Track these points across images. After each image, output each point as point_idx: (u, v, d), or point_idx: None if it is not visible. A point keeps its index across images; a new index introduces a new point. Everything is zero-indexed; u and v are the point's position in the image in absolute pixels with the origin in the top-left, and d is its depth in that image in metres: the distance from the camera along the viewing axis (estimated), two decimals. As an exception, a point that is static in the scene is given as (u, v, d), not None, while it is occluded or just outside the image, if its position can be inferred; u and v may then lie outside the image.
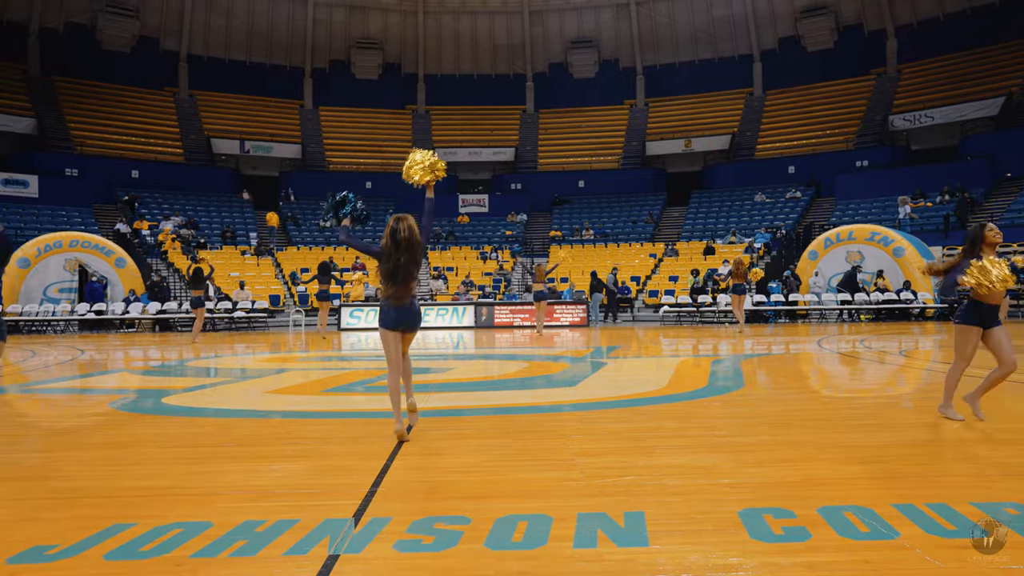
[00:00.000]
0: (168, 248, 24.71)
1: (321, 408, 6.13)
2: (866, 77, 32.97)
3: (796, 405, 5.90)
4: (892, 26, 32.68)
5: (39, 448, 4.53)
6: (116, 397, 6.97)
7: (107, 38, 32.45)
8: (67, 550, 2.64)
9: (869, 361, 9.79)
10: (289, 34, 35.48)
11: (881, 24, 32.96)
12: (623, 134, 35.80)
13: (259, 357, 11.43)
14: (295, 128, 35.10)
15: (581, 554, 2.55)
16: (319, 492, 3.42)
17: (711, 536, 2.70)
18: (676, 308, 20.84)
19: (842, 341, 12.96)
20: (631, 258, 25.83)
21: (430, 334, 17.57)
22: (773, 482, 3.43)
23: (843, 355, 10.54)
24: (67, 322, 20.11)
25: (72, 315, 19.99)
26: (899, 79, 32.16)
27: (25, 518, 3.09)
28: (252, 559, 2.54)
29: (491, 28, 36.94)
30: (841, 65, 33.05)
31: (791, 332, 15.76)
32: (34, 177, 26.82)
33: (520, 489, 3.41)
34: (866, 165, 29.26)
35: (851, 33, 33.70)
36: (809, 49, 34.21)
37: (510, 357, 10.91)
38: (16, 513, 3.16)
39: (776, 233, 26.44)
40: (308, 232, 28.96)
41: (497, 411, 5.85)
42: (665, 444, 4.37)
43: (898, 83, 32.02)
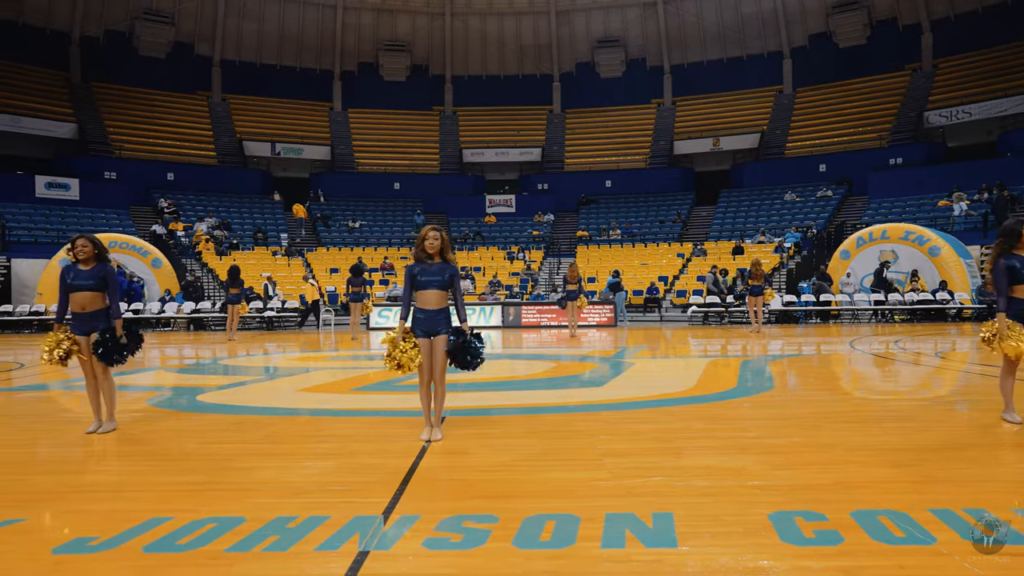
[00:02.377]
0: (202, 249, 25.21)
1: (350, 407, 6.20)
2: (900, 73, 32.26)
3: (827, 407, 5.80)
4: (928, 20, 31.91)
5: (81, 443, 4.67)
6: (153, 394, 7.14)
7: (144, 44, 33.22)
8: (108, 542, 2.72)
9: (903, 363, 9.58)
10: (318, 38, 35.92)
11: (916, 19, 32.20)
12: (650, 133, 35.54)
13: (289, 356, 11.60)
14: (324, 130, 35.52)
15: (609, 554, 2.55)
16: (349, 489, 3.46)
17: (741, 538, 2.68)
18: (704, 308, 20.62)
19: (875, 342, 12.70)
20: (659, 258, 25.64)
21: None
22: (804, 484, 3.39)
23: (876, 356, 10.33)
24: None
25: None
26: (935, 74, 31.40)
27: (69, 510, 3.19)
28: (284, 554, 2.59)
29: (518, 29, 36.97)
30: (874, 61, 32.38)
31: (822, 333, 15.50)
32: (75, 180, 27.57)
33: (548, 489, 3.42)
34: (900, 163, 28.62)
35: (885, 28, 32.99)
36: (841, 45, 33.57)
37: (537, 357, 10.92)
38: (60, 505, 3.26)
39: (807, 232, 26.01)
40: (338, 233, 29.29)
41: (525, 411, 5.86)
42: (693, 445, 4.34)
43: (934, 78, 31.26)
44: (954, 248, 19.64)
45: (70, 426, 5.23)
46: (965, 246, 20.29)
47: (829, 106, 32.88)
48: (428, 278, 4.58)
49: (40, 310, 20.15)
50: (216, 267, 23.72)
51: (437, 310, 4.60)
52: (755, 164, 32.55)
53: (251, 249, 26.56)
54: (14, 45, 30.18)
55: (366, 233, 29.47)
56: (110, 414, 4.98)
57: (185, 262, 24.09)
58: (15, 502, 3.30)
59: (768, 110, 34.47)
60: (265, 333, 18.30)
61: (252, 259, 24.72)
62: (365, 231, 29.68)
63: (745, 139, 33.47)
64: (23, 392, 7.68)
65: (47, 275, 20.63)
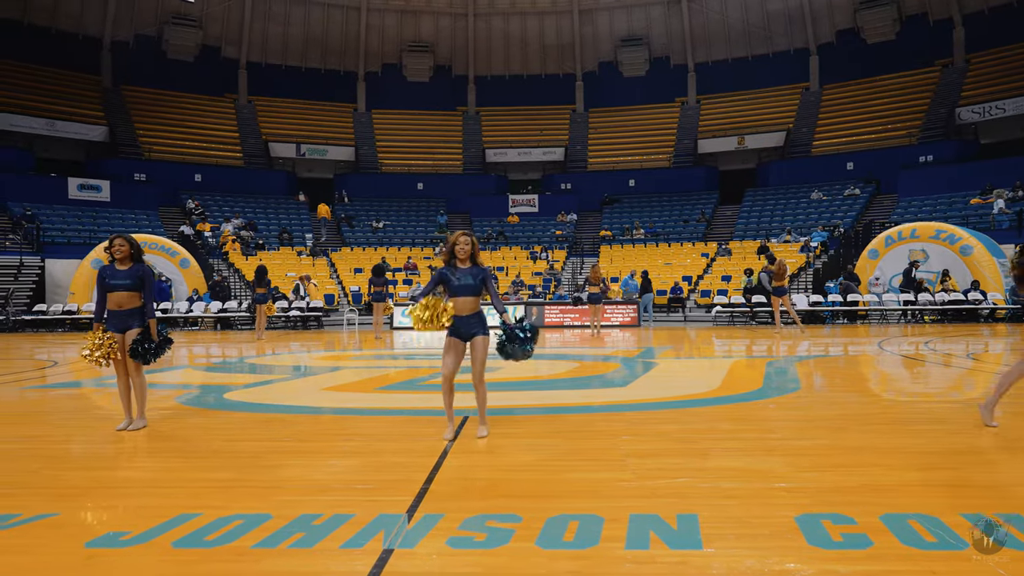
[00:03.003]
0: (229, 249, 25.59)
1: (374, 406, 6.25)
2: (931, 68, 31.62)
3: (855, 408, 5.71)
4: (960, 14, 31.22)
5: (112, 439, 4.76)
6: (182, 392, 7.27)
7: (172, 48, 33.83)
8: (138, 536, 2.78)
9: (934, 364, 9.40)
10: (343, 40, 36.26)
11: (947, 13, 31.53)
12: (674, 132, 35.28)
13: (315, 355, 11.72)
14: (349, 131, 35.84)
15: (633, 555, 2.54)
16: (373, 488, 3.49)
17: (767, 541, 2.65)
18: (729, 308, 20.42)
19: (904, 343, 12.47)
20: (683, 257, 25.45)
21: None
22: (831, 487, 3.34)
23: (905, 357, 10.14)
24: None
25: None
26: (967, 69, 30.71)
27: (101, 506, 3.26)
28: (310, 551, 2.62)
29: (540, 28, 36.94)
30: (904, 57, 31.78)
31: (849, 333, 15.25)
32: (106, 182, 28.16)
33: (571, 489, 3.41)
34: (931, 160, 28.04)
35: (915, 23, 32.36)
36: (869, 41, 33.00)
37: (560, 357, 10.90)
38: (93, 501, 3.34)
39: (833, 231, 25.62)
40: (362, 233, 29.53)
41: (548, 411, 5.86)
42: (718, 446, 4.30)
43: (966, 74, 30.57)
44: (987, 247, 19.20)
45: (102, 423, 5.34)
46: (998, 245, 19.83)
47: (857, 103, 32.34)
48: (461, 283, 4.57)
49: (73, 309, 20.62)
50: (243, 267, 24.06)
51: (471, 314, 4.60)
52: (781, 163, 32.16)
53: (277, 249, 26.89)
54: (48, 51, 30.93)
55: (390, 233, 29.68)
56: (140, 412, 5.07)
57: (212, 262, 24.46)
58: (50, 497, 3.38)
59: (794, 108, 34.02)
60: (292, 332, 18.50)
61: (278, 259, 25.04)
62: (389, 231, 29.89)
63: (770, 137, 33.08)
64: (57, 389, 7.87)
65: (79, 275, 21.11)
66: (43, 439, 4.87)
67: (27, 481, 3.70)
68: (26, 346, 14.58)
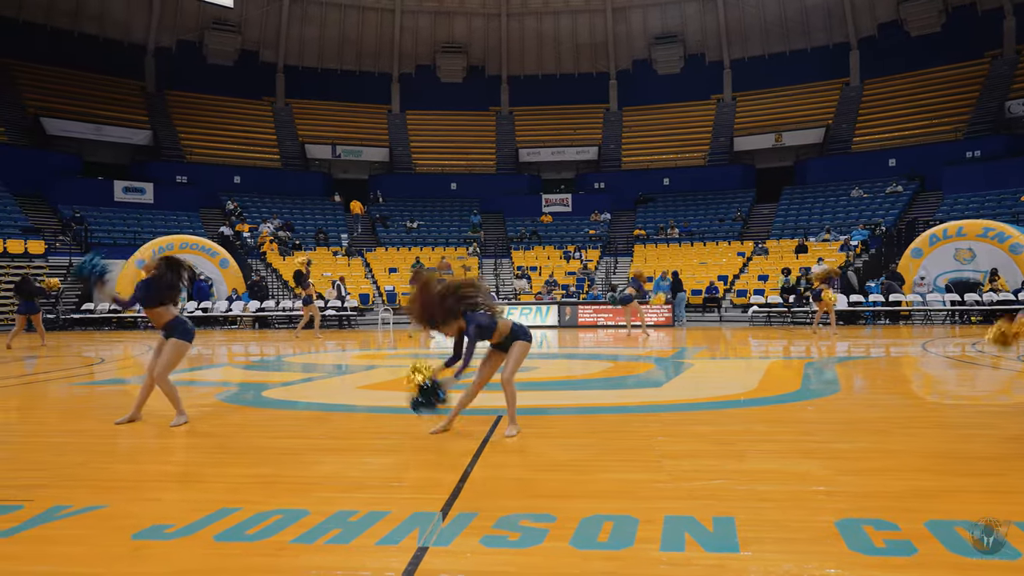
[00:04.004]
0: (267, 249, 26.09)
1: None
2: (979, 61, 30.59)
3: (898, 411, 5.56)
4: (1011, 3, 30.11)
5: (156, 435, 4.90)
6: (221, 389, 7.44)
7: (212, 53, 34.64)
8: (182, 530, 2.85)
9: (982, 366, 9.10)
10: (377, 42, 36.66)
11: (997, 2, 30.45)
12: (710, 130, 34.82)
13: (350, 354, 11.88)
14: (383, 132, 36.22)
15: (668, 557, 2.51)
16: (408, 486, 3.53)
17: (806, 545, 2.60)
18: (766, 308, 20.09)
19: (950, 344, 12.10)
20: (718, 257, 25.10)
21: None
22: (873, 492, 3.26)
23: (951, 359, 9.84)
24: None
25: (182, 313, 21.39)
26: (1018, 61, 29.63)
27: (146, 498, 3.36)
28: (346, 547, 2.66)
29: (574, 27, 36.81)
30: (949, 49, 30.83)
31: (892, 334, 14.86)
32: (150, 185, 28.99)
33: (605, 489, 3.39)
34: (978, 156, 27.15)
35: (961, 14, 31.36)
36: (913, 34, 32.10)
37: (594, 357, 10.85)
38: (138, 494, 3.44)
39: (875, 230, 24.99)
40: (396, 233, 29.83)
41: (582, 411, 5.84)
42: (755, 448, 4.24)
43: (1017, 65, 29.51)
44: (1038, 245, 18.53)
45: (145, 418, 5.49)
46: (1050, 243, 19.11)
47: (900, 98, 31.49)
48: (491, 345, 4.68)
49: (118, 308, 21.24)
50: (280, 267, 24.50)
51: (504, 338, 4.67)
52: (820, 160, 31.50)
53: (313, 249, 27.31)
54: (96, 58, 31.95)
55: (424, 233, 29.91)
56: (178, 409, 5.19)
57: (251, 262, 24.97)
58: (98, 489, 3.50)
59: (834, 103, 33.29)
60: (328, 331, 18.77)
61: (314, 259, 25.41)
62: (423, 231, 30.12)
63: (809, 134, 32.42)
64: (104, 386, 8.12)
65: (124, 275, 21.73)
66: (91, 433, 5.03)
67: (77, 474, 3.83)
68: (75, 344, 15.08)
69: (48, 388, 7.94)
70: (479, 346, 4.55)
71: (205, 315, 21.38)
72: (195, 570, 2.48)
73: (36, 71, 30.57)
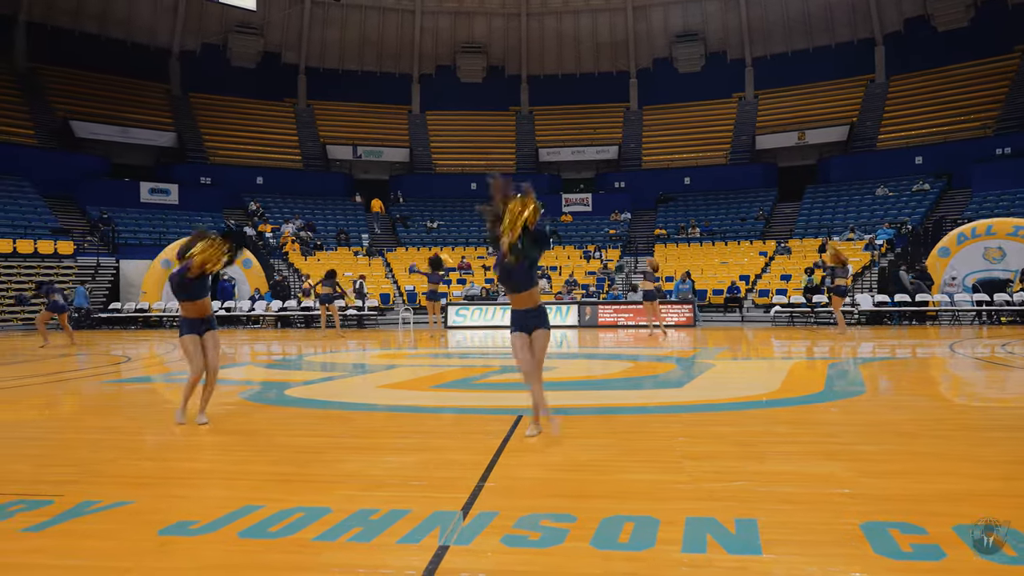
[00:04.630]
0: (289, 249, 26.35)
1: (429, 404, 6.33)
2: (1009, 55, 29.93)
3: (925, 413, 5.47)
4: (1041, -3, 29.49)
5: (182, 432, 4.98)
6: (244, 388, 7.52)
7: (235, 55, 35.08)
8: (207, 526, 2.90)
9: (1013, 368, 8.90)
10: (398, 43, 36.85)
11: (1027, -4, 29.82)
12: (731, 128, 34.51)
13: (371, 353, 11.96)
14: (404, 132, 36.41)
15: (690, 559, 2.50)
16: (429, 485, 3.54)
17: (830, 548, 2.57)
18: (788, 308, 19.85)
19: (979, 345, 11.87)
20: (740, 256, 24.87)
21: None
22: (899, 495, 3.21)
23: (980, 360, 9.65)
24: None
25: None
26: (1050, 56, 29.00)
27: (172, 495, 3.42)
28: (367, 545, 2.68)
29: (594, 26, 36.70)
30: (978, 44, 30.19)
31: (918, 335, 14.61)
32: (174, 186, 29.45)
33: (626, 490, 3.38)
34: (1008, 152, 26.57)
35: (990, 8, 30.70)
36: (940, 29, 31.50)
37: (614, 357, 10.81)
38: (165, 490, 3.50)
39: (900, 229, 24.58)
40: (416, 233, 29.97)
41: (602, 411, 5.82)
42: (777, 450, 4.19)
43: (1048, 60, 28.87)
44: (1071, 244, 18.10)
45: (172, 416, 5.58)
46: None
47: (926, 94, 30.94)
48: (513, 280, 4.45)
49: (144, 307, 21.61)
50: (302, 267, 24.73)
51: (526, 309, 4.54)
52: (844, 158, 31.05)
53: (334, 249, 27.54)
54: (123, 62, 32.51)
55: (444, 233, 30.00)
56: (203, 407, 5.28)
57: (273, 262, 25.24)
58: (126, 485, 3.56)
59: (858, 101, 32.80)
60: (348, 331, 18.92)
61: (335, 259, 25.62)
62: (443, 231, 30.22)
63: (833, 132, 31.97)
64: (131, 384, 8.26)
65: (150, 275, 22.11)
66: (120, 430, 5.12)
67: (106, 470, 3.91)
68: (103, 342, 15.36)
69: (78, 386, 8.10)
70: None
71: (228, 314, 21.65)
72: (220, 566, 2.52)
73: (65, 75, 31.20)
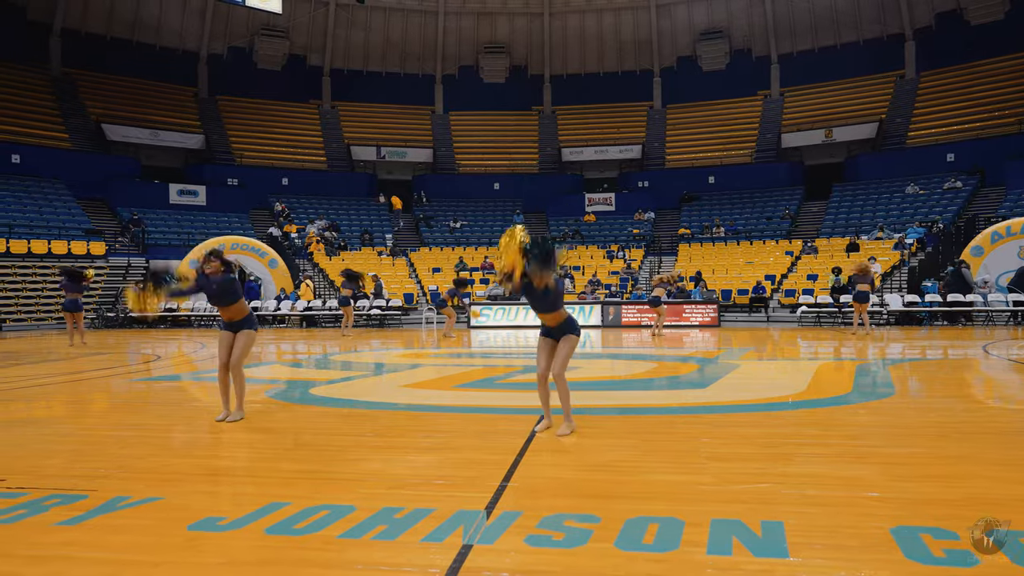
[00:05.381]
0: (314, 250, 26.63)
1: (452, 403, 6.36)
2: (1046, 49, 29.18)
3: (957, 416, 5.36)
4: (1079, -11, 28.69)
5: (209, 430, 5.06)
6: (270, 387, 7.62)
7: (262, 58, 35.56)
8: (234, 522, 2.94)
9: (1048, 370, 8.67)
10: (421, 44, 37.04)
11: (1065, -12, 29.04)
12: (756, 126, 34.10)
13: (394, 353, 12.03)
14: (427, 133, 36.59)
15: (715, 561, 2.48)
16: (452, 484, 3.55)
17: (859, 552, 2.53)
18: (815, 308, 19.57)
19: (1014, 346, 11.58)
20: (765, 256, 24.57)
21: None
22: (930, 499, 3.15)
23: (1015, 362, 9.42)
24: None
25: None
26: (1089, 49, 28.17)
27: (201, 491, 3.47)
28: (392, 543, 2.70)
29: (617, 25, 36.52)
30: (1014, 37, 29.42)
31: (950, 336, 14.30)
32: (202, 187, 29.95)
33: (650, 491, 3.36)
34: (1044, 149, 25.92)
35: (1026, 1, 29.96)
36: (973, 23, 30.79)
37: (638, 357, 10.75)
38: (194, 487, 3.56)
39: (931, 227, 24.09)
40: (440, 233, 30.09)
41: (625, 411, 5.79)
42: (804, 452, 4.13)
43: (1087, 54, 28.06)
44: (1110, 243, 17.59)
45: (200, 413, 5.68)
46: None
47: (958, 90, 30.26)
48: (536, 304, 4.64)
49: (174, 307, 21.97)
50: (327, 267, 24.98)
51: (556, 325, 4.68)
52: (872, 155, 30.52)
53: (359, 249, 27.77)
54: (153, 66, 33.14)
55: (467, 233, 30.09)
56: (239, 405, 5.38)
57: (298, 262, 25.52)
58: (156, 481, 3.63)
59: (887, 97, 32.21)
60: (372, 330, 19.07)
61: (359, 259, 25.84)
62: (466, 231, 30.31)
63: (861, 129, 31.42)
64: (160, 382, 8.42)
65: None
66: (150, 427, 5.22)
67: (137, 466, 3.98)
68: (133, 341, 15.66)
69: (109, 384, 8.28)
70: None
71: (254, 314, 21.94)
72: (248, 561, 2.55)
73: (98, 79, 31.90)
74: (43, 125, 28.84)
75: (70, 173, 27.50)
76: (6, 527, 2.93)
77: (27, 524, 2.97)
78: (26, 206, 25.06)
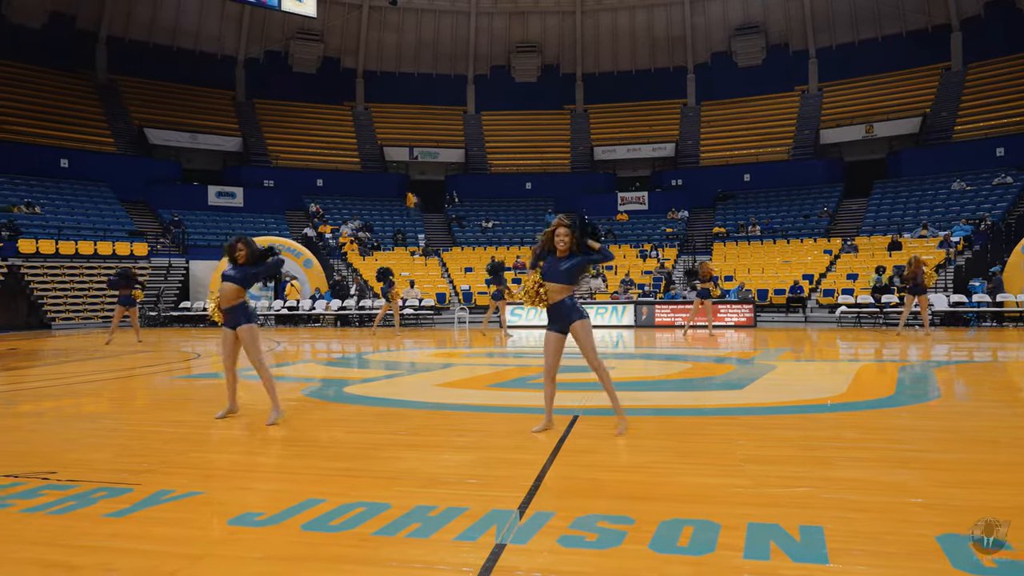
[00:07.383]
0: (347, 250, 26.97)
1: (486, 402, 6.37)
2: (1102, 38, 28.00)
3: (1007, 420, 5.17)
4: None
5: (246, 427, 5.16)
6: (305, 385, 7.74)
7: (297, 61, 36.15)
8: (271, 518, 2.99)
9: (1103, 373, 8.33)
10: (453, 44, 37.22)
11: (1120, -25, 27.84)
12: (794, 123, 33.45)
13: (427, 352, 12.12)
14: (459, 133, 36.75)
15: (752, 566, 2.43)
16: (485, 483, 3.56)
17: (902, 560, 2.46)
18: (855, 308, 19.13)
19: (1066, 349, 11.15)
20: (803, 255, 24.09)
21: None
22: (978, 506, 3.05)
23: (1068, 365, 9.06)
24: (264, 317, 22.67)
25: (269, 311, 22.56)
26: None
27: (239, 487, 3.54)
28: (426, 541, 2.71)
29: (650, 21, 36.19)
30: (1066, 28, 28.38)
31: (999, 337, 13.84)
32: (240, 189, 30.59)
33: (685, 493, 3.32)
34: (1099, 142, 24.90)
35: (1080, -11, 28.82)
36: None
37: (673, 357, 10.64)
38: (233, 482, 3.63)
39: (979, 225, 23.33)
40: (472, 233, 30.20)
41: (660, 412, 5.73)
42: (844, 455, 4.04)
43: None
44: None
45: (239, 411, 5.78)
46: None
47: (1008, 82, 29.18)
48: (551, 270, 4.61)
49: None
50: (360, 267, 25.27)
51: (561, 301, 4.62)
52: (916, 151, 29.67)
53: (391, 249, 28.03)
54: (192, 71, 33.95)
55: (499, 233, 30.14)
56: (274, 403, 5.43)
57: (332, 263, 25.88)
58: (197, 476, 3.72)
59: (932, 91, 31.29)
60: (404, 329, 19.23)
61: (392, 259, 26.10)
62: (498, 231, 30.36)
63: (904, 124, 30.58)
64: (200, 379, 8.61)
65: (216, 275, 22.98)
66: (190, 424, 5.35)
67: (179, 461, 4.08)
68: (174, 340, 16.06)
69: (151, 381, 8.50)
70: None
71: (290, 313, 22.34)
72: (286, 557, 2.59)
73: (141, 85, 32.80)
74: (89, 130, 29.76)
75: (114, 176, 28.33)
76: (57, 518, 3.03)
77: (76, 515, 3.06)
78: (74, 209, 25.91)
